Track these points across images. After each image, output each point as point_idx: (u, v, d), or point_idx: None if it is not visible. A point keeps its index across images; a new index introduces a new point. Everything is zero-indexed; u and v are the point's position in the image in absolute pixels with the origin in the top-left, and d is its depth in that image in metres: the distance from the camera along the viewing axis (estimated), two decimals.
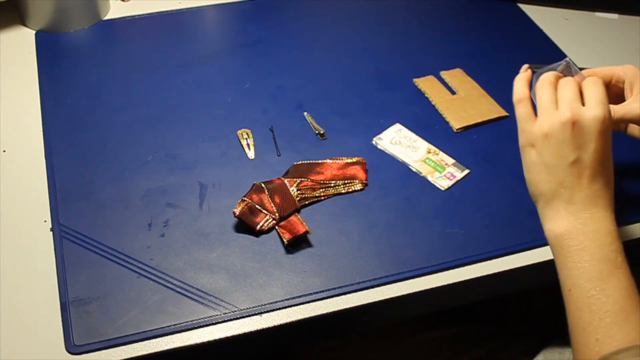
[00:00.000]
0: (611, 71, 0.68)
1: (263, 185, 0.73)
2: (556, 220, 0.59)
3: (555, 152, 0.59)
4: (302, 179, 0.75)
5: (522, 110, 0.62)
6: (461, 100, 0.88)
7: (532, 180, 0.62)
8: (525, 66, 0.66)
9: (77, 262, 0.67)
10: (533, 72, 0.66)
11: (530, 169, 0.62)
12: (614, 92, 0.68)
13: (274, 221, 0.71)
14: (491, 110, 0.87)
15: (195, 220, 0.72)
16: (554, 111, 0.60)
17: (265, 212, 0.71)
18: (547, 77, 0.63)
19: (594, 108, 0.59)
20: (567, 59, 0.67)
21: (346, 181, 0.76)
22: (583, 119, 0.58)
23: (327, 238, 0.71)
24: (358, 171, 0.77)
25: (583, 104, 0.60)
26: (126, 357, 0.61)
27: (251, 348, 0.66)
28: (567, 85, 0.61)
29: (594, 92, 0.60)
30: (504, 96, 0.89)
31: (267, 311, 0.64)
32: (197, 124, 0.83)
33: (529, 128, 0.61)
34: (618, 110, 0.64)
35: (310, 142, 0.82)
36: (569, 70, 0.66)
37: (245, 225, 0.71)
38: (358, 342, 0.88)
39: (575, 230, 0.58)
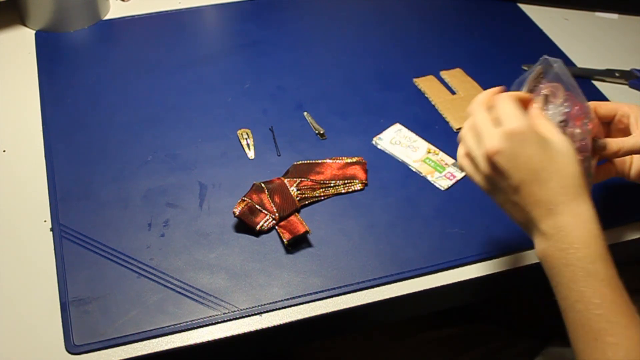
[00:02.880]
0: (617, 106, 0.66)
1: (263, 185, 0.73)
2: (537, 243, 0.57)
3: (493, 189, 0.58)
4: (302, 179, 0.75)
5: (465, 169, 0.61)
6: (461, 100, 0.88)
7: (510, 217, 0.60)
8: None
9: (77, 262, 0.67)
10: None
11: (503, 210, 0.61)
12: (618, 128, 0.67)
13: (274, 221, 0.71)
14: None
15: (195, 220, 0.72)
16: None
17: (265, 212, 0.71)
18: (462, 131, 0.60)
19: (484, 141, 0.56)
20: (544, 57, 0.62)
21: (346, 181, 0.76)
22: (474, 154, 0.57)
23: (327, 238, 0.71)
24: (358, 171, 0.77)
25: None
26: (126, 357, 0.61)
27: (251, 348, 0.66)
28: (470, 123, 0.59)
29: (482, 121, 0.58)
30: None
31: (267, 311, 0.64)
32: (197, 124, 0.83)
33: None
34: (624, 142, 0.63)
35: (310, 142, 0.82)
36: (551, 75, 0.61)
37: (245, 225, 0.71)
38: (358, 342, 0.88)
39: (550, 249, 0.55)
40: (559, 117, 0.61)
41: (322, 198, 0.75)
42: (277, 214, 0.71)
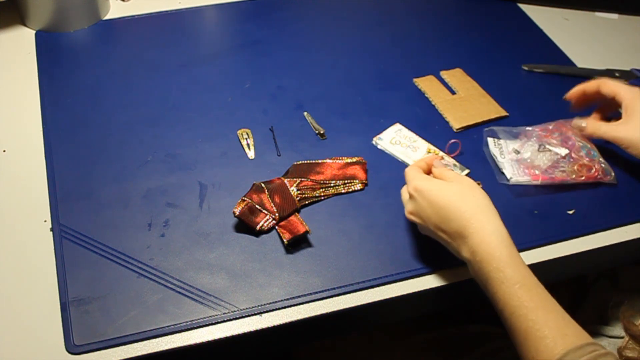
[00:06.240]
0: (617, 90, 0.75)
1: (263, 185, 0.73)
2: (469, 268, 0.64)
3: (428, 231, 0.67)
4: (302, 179, 0.75)
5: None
6: (461, 100, 0.88)
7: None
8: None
9: (77, 262, 0.67)
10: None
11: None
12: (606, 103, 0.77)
13: (274, 221, 0.71)
14: (491, 110, 0.87)
15: (195, 220, 0.72)
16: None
17: (265, 212, 0.71)
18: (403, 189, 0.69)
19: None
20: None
21: (346, 181, 0.76)
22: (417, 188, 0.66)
23: (327, 238, 0.71)
24: (358, 171, 0.77)
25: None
26: (126, 357, 0.61)
27: (251, 348, 0.66)
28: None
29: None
30: (504, 96, 0.89)
31: (267, 311, 0.64)
32: (197, 124, 0.83)
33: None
34: (599, 129, 0.75)
35: (310, 142, 0.82)
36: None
37: (245, 225, 0.71)
38: (358, 342, 0.88)
39: (474, 270, 0.62)
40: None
41: (322, 198, 0.75)
42: (277, 214, 0.71)
